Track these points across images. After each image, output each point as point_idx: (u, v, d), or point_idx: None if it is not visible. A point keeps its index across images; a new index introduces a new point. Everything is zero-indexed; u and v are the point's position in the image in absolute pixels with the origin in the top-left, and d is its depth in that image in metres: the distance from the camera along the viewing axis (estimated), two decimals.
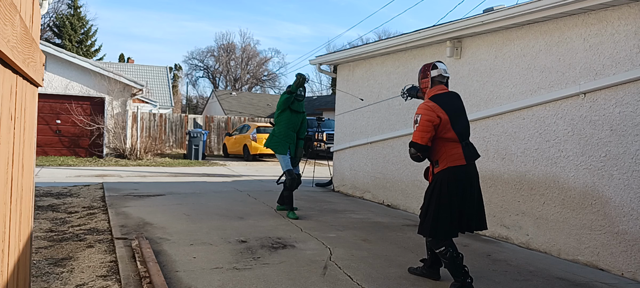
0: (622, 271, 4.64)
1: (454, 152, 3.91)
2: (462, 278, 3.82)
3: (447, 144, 3.91)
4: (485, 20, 5.93)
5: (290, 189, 6.65)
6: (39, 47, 2.31)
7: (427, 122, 3.85)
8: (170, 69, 45.56)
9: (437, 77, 4.08)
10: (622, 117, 4.69)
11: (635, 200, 4.56)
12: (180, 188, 9.25)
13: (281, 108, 6.76)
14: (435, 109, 3.88)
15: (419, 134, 3.88)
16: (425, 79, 4.14)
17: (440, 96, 3.99)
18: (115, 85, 15.78)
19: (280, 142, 6.78)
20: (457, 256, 3.85)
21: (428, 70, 4.11)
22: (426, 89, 4.12)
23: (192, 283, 3.82)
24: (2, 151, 1.55)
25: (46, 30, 38.42)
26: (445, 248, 3.84)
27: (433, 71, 4.08)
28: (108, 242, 5.10)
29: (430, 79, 4.09)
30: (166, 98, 36.13)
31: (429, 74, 4.09)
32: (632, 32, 4.63)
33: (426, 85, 4.12)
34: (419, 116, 3.91)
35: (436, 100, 3.95)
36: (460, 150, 3.92)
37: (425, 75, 4.13)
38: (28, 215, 2.39)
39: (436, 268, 4.19)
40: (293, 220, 6.50)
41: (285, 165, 6.73)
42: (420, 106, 3.97)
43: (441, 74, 4.08)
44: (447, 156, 3.90)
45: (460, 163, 3.89)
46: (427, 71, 4.11)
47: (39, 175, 10.70)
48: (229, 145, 19.49)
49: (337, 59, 9.68)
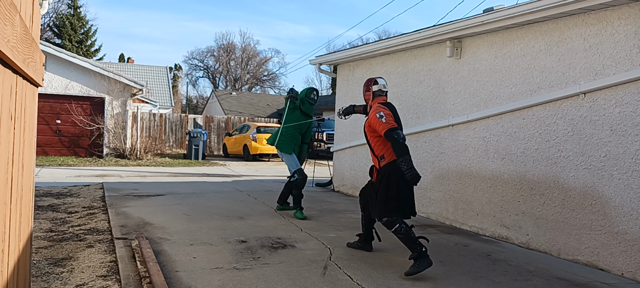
0: (622, 271, 4.64)
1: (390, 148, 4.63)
2: (418, 248, 4.26)
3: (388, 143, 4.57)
4: (485, 20, 5.93)
5: (300, 188, 6.56)
6: (39, 47, 2.31)
7: (390, 115, 4.55)
8: (170, 69, 45.55)
9: (376, 91, 4.84)
10: (622, 117, 4.69)
11: (635, 200, 4.56)
12: (180, 188, 9.25)
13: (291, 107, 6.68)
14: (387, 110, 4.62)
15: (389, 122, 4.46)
16: (368, 92, 4.88)
17: (385, 104, 4.76)
18: (115, 85, 15.78)
19: (286, 141, 6.74)
20: (409, 229, 4.38)
21: (371, 85, 4.86)
22: (369, 100, 4.87)
23: (192, 283, 3.82)
24: (2, 151, 1.55)
25: (46, 30, 38.42)
26: (399, 226, 4.37)
27: (374, 86, 4.84)
28: (108, 242, 5.10)
29: (372, 92, 4.85)
30: (166, 98, 36.13)
31: (371, 88, 4.85)
32: (632, 32, 4.63)
33: (369, 96, 4.87)
34: (381, 112, 4.55)
35: (387, 105, 4.72)
36: None
37: (368, 89, 4.88)
38: (28, 215, 2.39)
39: (369, 242, 5.09)
40: (299, 219, 6.44)
41: (294, 163, 6.67)
42: (377, 106, 4.67)
43: (381, 89, 4.85)
44: (390, 153, 4.56)
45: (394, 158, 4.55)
46: (370, 85, 4.86)
47: (39, 175, 10.70)
48: (229, 145, 19.48)
49: (337, 59, 9.69)
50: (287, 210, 7.09)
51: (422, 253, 4.24)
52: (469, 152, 6.53)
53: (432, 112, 7.19)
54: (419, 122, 7.51)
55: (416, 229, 6.31)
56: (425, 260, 4.22)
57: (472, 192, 6.45)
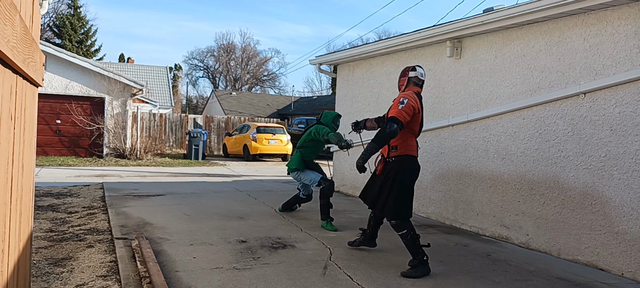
0: (622, 271, 4.64)
1: (411, 143, 4.44)
2: (420, 257, 4.25)
3: (407, 135, 4.39)
4: (485, 20, 5.93)
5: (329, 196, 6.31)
6: (39, 47, 2.31)
7: (411, 107, 4.29)
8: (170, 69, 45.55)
9: (413, 78, 4.56)
10: (622, 117, 4.69)
11: (635, 200, 4.56)
12: (180, 188, 9.25)
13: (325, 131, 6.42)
14: (416, 100, 4.39)
15: (403, 113, 4.24)
16: (403, 77, 4.61)
17: (417, 94, 4.50)
18: (115, 85, 15.78)
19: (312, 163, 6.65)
20: (417, 237, 4.32)
21: (407, 71, 4.59)
22: (402, 86, 4.60)
23: (192, 283, 3.82)
24: (2, 151, 1.55)
25: (46, 30, 38.42)
26: (407, 231, 4.31)
27: (411, 72, 4.57)
28: (108, 242, 5.10)
29: (408, 78, 4.57)
30: (166, 98, 36.13)
31: (407, 74, 4.58)
32: (632, 32, 4.63)
33: (403, 83, 4.59)
34: (405, 99, 4.30)
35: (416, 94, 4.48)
36: (414, 144, 4.48)
37: (404, 75, 4.60)
38: (28, 215, 2.39)
39: (374, 239, 4.99)
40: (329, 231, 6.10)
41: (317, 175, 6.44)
42: (406, 93, 4.43)
43: (417, 77, 4.57)
44: (406, 145, 4.38)
45: (413, 154, 4.43)
46: (407, 72, 4.60)
47: (39, 175, 10.70)
48: (229, 145, 19.48)
49: (337, 59, 9.68)
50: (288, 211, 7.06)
51: (423, 261, 4.27)
52: (469, 152, 6.53)
53: (432, 112, 7.19)
54: None
55: (416, 228, 6.31)
56: (425, 268, 4.26)
57: (472, 192, 6.45)
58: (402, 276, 4.22)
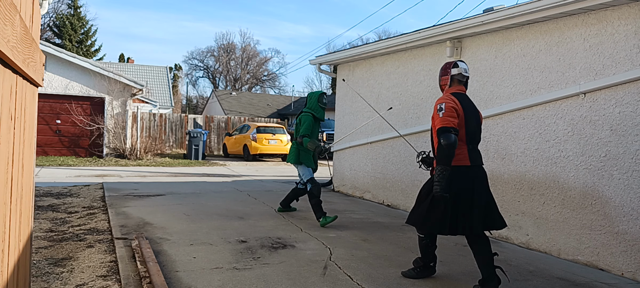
0: (622, 271, 4.64)
1: (459, 151, 3.88)
2: (425, 260, 4.16)
3: None
4: (485, 20, 5.93)
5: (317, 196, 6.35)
6: (39, 47, 2.31)
7: (452, 110, 3.87)
8: (170, 69, 45.55)
9: (456, 76, 4.10)
10: (622, 117, 4.69)
11: (635, 200, 4.56)
12: (180, 188, 9.25)
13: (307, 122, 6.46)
14: (455, 102, 3.92)
15: (446, 119, 3.83)
16: (445, 76, 4.16)
17: (460, 95, 4.03)
18: (115, 85, 15.78)
19: (309, 156, 6.57)
20: (431, 245, 4.14)
21: (449, 68, 4.13)
22: (445, 86, 4.16)
23: (192, 283, 3.82)
24: (2, 151, 1.55)
25: (46, 30, 38.42)
26: (424, 238, 4.13)
27: (454, 69, 4.10)
28: (108, 242, 5.10)
29: (450, 76, 4.11)
30: (166, 98, 36.13)
31: (450, 72, 4.12)
32: (632, 32, 4.63)
33: (446, 82, 4.15)
34: (443, 104, 3.91)
35: (456, 96, 3.99)
36: (466, 151, 3.91)
37: (446, 73, 4.15)
38: (28, 215, 2.39)
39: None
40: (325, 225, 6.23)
41: (308, 173, 6.51)
42: (441, 97, 4.02)
43: (461, 73, 4.10)
44: None
45: (464, 163, 3.87)
46: (448, 69, 4.13)
47: (39, 175, 10.70)
48: (229, 145, 19.49)
49: (337, 59, 9.68)
50: (288, 212, 7.06)
51: (428, 266, 4.21)
52: None
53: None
54: (419, 122, 7.51)
55: None
56: (428, 271, 4.23)
57: None
58: (402, 275, 4.22)
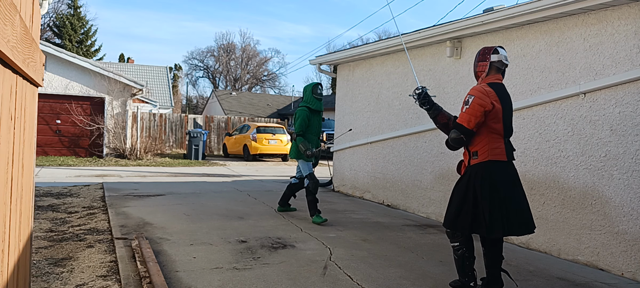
0: (622, 271, 4.64)
1: (497, 145, 3.65)
2: (464, 279, 3.75)
3: (492, 136, 3.66)
4: (485, 20, 5.93)
5: (314, 193, 6.38)
6: (39, 47, 2.31)
7: (479, 107, 3.59)
8: (170, 69, 45.55)
9: (496, 63, 3.76)
10: (622, 117, 4.69)
11: (635, 200, 4.56)
12: (180, 188, 9.25)
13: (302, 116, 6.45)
14: (490, 95, 3.63)
15: (466, 116, 3.62)
16: (483, 62, 3.79)
17: (497, 85, 3.73)
18: (115, 85, 15.78)
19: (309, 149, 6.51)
20: (468, 257, 3.73)
21: (488, 54, 3.77)
22: (482, 74, 3.79)
23: (192, 283, 3.82)
24: (2, 151, 1.55)
25: (46, 30, 38.42)
26: (459, 245, 3.73)
27: (493, 55, 3.75)
28: (108, 242, 5.10)
29: (490, 63, 3.76)
30: (166, 98, 36.13)
31: (489, 58, 3.76)
32: (632, 32, 4.63)
33: (484, 69, 3.78)
34: (471, 98, 3.63)
35: (493, 87, 3.69)
36: (503, 145, 3.68)
37: (484, 59, 3.78)
38: (28, 215, 2.39)
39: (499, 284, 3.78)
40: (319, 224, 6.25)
41: (308, 169, 6.49)
42: (475, 88, 3.71)
43: (501, 61, 3.76)
44: (489, 149, 3.64)
45: (501, 158, 3.64)
46: (487, 55, 3.78)
47: (39, 175, 10.70)
48: (229, 145, 19.49)
49: (337, 59, 9.68)
50: (288, 211, 7.06)
51: (465, 284, 3.79)
52: None
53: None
54: (419, 122, 7.51)
55: (416, 228, 6.31)
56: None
57: None
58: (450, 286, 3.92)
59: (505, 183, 3.62)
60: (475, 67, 3.87)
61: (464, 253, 3.73)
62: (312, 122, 6.57)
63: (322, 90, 6.71)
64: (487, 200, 3.56)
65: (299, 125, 6.49)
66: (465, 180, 3.73)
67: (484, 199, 3.56)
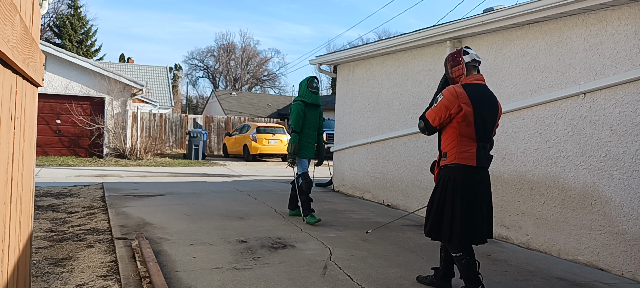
0: (622, 271, 4.64)
1: (466, 149, 3.61)
2: (473, 285, 3.68)
3: (462, 140, 3.61)
4: (485, 20, 5.93)
5: (307, 193, 6.29)
6: (39, 47, 2.31)
7: (444, 108, 3.61)
8: (170, 69, 45.55)
9: (470, 63, 3.73)
10: (622, 117, 4.69)
11: (635, 200, 4.56)
12: (180, 188, 9.24)
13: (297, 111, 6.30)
14: (461, 97, 3.57)
15: (432, 113, 3.70)
16: (458, 66, 3.76)
17: (474, 87, 3.67)
18: (115, 85, 15.78)
19: (303, 146, 6.39)
20: (473, 263, 3.69)
21: (459, 57, 3.75)
22: (462, 77, 3.75)
23: (192, 283, 3.82)
24: (2, 151, 1.55)
25: (46, 30, 38.42)
26: (462, 254, 3.67)
27: (465, 57, 3.74)
28: (108, 242, 5.10)
29: (464, 64, 3.73)
30: (166, 98, 36.14)
31: (462, 61, 3.74)
32: (632, 32, 4.63)
33: (461, 72, 3.74)
34: (441, 97, 3.66)
35: (467, 89, 3.63)
36: (474, 150, 3.61)
37: (458, 63, 3.76)
38: (28, 215, 2.39)
39: (448, 279, 3.94)
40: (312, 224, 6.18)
41: (302, 168, 6.37)
42: (448, 88, 3.69)
43: (474, 58, 3.74)
44: (457, 151, 3.62)
45: (470, 163, 3.60)
46: (458, 57, 3.76)
47: (39, 175, 10.70)
48: (229, 145, 19.49)
49: (337, 59, 9.68)
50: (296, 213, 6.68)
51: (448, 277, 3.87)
52: None
53: None
54: None
55: (416, 228, 6.31)
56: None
57: None
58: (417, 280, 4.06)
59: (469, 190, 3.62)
60: (450, 74, 3.85)
61: (468, 261, 3.68)
62: (308, 117, 6.39)
63: (319, 84, 6.55)
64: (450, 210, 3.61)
65: (294, 120, 6.27)
66: (441, 188, 3.71)
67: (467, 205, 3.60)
